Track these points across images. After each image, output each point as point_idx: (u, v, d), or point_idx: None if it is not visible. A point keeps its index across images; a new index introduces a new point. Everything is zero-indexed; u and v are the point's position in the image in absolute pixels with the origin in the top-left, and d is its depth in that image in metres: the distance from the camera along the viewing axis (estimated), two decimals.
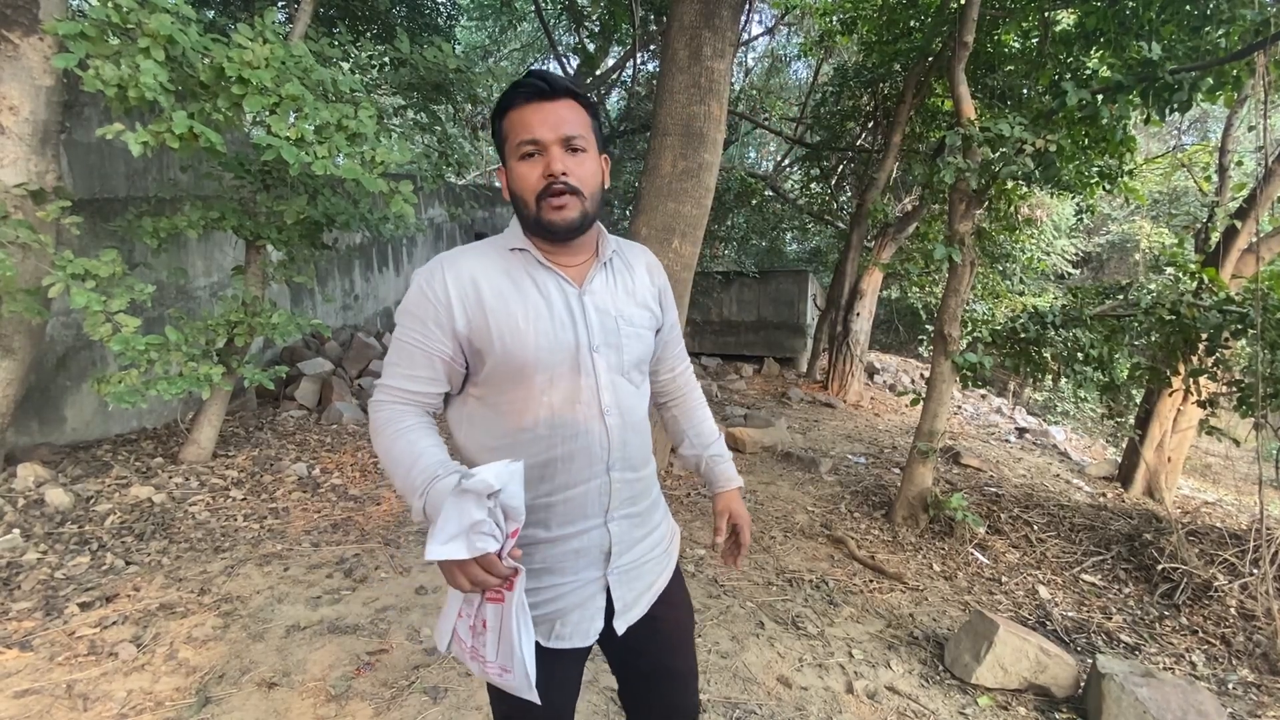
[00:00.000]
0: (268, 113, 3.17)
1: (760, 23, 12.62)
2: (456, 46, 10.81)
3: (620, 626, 1.13)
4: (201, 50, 3.13)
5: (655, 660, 1.22)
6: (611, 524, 1.11)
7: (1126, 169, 4.37)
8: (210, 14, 7.27)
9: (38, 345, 3.66)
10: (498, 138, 1.07)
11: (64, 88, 3.49)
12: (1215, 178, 5.88)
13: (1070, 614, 3.24)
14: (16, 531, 3.12)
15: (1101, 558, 3.79)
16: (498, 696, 1.15)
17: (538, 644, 1.06)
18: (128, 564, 3.03)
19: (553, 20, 10.56)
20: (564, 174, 1.01)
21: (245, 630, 2.52)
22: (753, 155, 16.74)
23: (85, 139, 4.36)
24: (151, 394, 3.43)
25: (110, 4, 2.89)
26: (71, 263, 3.12)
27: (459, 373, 1.10)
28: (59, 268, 3.10)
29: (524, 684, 0.95)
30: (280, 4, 7.88)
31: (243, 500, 3.82)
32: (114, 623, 2.52)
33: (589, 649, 1.14)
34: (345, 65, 5.02)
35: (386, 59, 5.47)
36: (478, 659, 0.99)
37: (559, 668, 1.11)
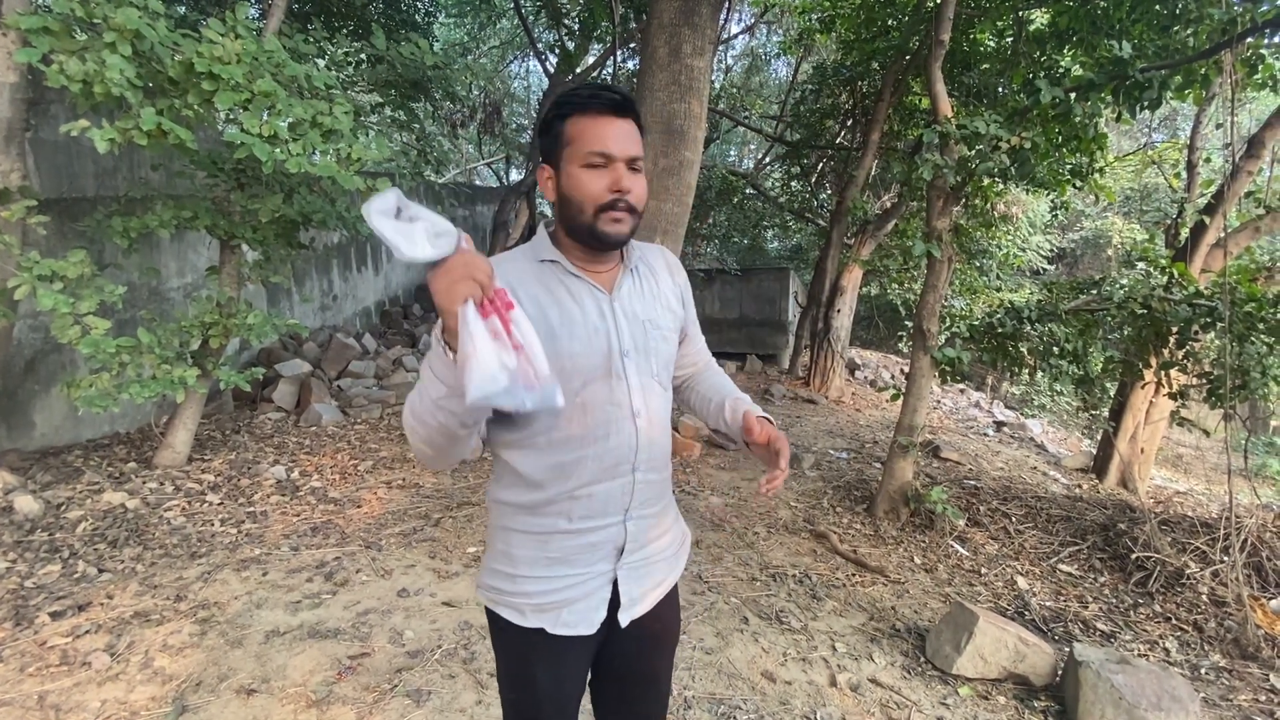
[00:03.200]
0: (240, 109, 3.11)
1: (739, 21, 12.64)
2: (434, 43, 10.70)
3: (624, 619, 1.14)
4: (170, 45, 3.06)
5: (635, 664, 1.23)
6: (630, 522, 1.14)
7: (1097, 167, 4.44)
8: (181, 9, 7.12)
9: (4, 349, 3.56)
10: (553, 137, 1.06)
11: (29, 84, 3.39)
12: (1184, 174, 6.01)
13: (1048, 604, 3.30)
14: None
15: (1078, 548, 3.86)
16: (508, 684, 1.18)
17: (545, 631, 1.10)
18: (100, 571, 2.96)
19: (532, 17, 10.49)
20: (629, 193, 1.03)
21: (223, 637, 2.48)
22: (734, 153, 16.80)
23: (52, 137, 4.25)
24: (123, 397, 3.36)
25: None
26: (38, 264, 3.04)
27: None
28: (25, 269, 3.02)
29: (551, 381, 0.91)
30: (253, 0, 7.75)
31: (219, 505, 3.75)
32: (87, 631, 2.46)
33: (595, 641, 1.15)
34: (321, 62, 4.95)
35: (363, 56, 5.41)
36: (530, 382, 0.90)
37: (570, 658, 1.14)
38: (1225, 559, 3.30)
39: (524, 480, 1.09)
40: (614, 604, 1.14)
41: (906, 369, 7.28)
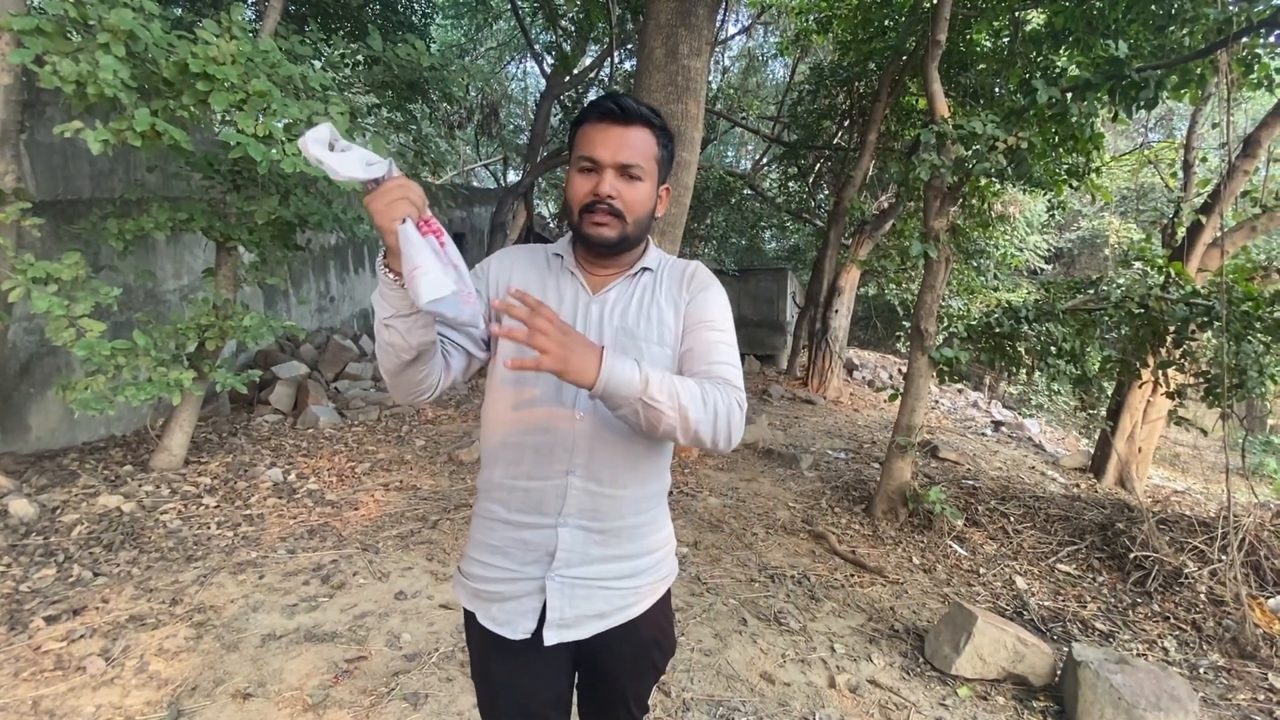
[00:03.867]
0: (235, 110, 3.10)
1: (736, 22, 12.66)
2: (431, 45, 10.69)
3: (550, 638, 1.09)
4: (165, 46, 3.05)
5: (602, 680, 1.22)
6: (563, 528, 1.09)
7: (1094, 166, 4.45)
8: (176, 10, 7.11)
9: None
10: (571, 147, 1.13)
11: (23, 86, 3.38)
12: (1181, 174, 6.02)
13: (1046, 603, 3.30)
14: None
15: (1076, 547, 3.86)
16: (473, 673, 1.22)
17: (498, 635, 1.12)
18: (96, 575, 2.95)
19: (529, 19, 10.49)
20: (610, 196, 1.06)
21: (219, 640, 2.46)
22: (731, 154, 16.82)
23: (47, 139, 4.23)
24: (119, 400, 3.34)
25: None
26: (33, 266, 3.02)
27: (479, 346, 1.15)
28: (19, 271, 3.01)
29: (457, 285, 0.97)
30: (249, 1, 7.73)
31: (216, 507, 3.74)
32: (82, 636, 2.44)
33: (561, 655, 1.14)
34: (317, 63, 4.94)
35: (359, 57, 5.40)
36: (466, 297, 1.00)
37: (527, 661, 1.13)
38: (1223, 558, 3.30)
39: (484, 459, 1.16)
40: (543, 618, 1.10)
41: (904, 369, 7.29)
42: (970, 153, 3.71)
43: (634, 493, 1.13)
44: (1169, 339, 3.81)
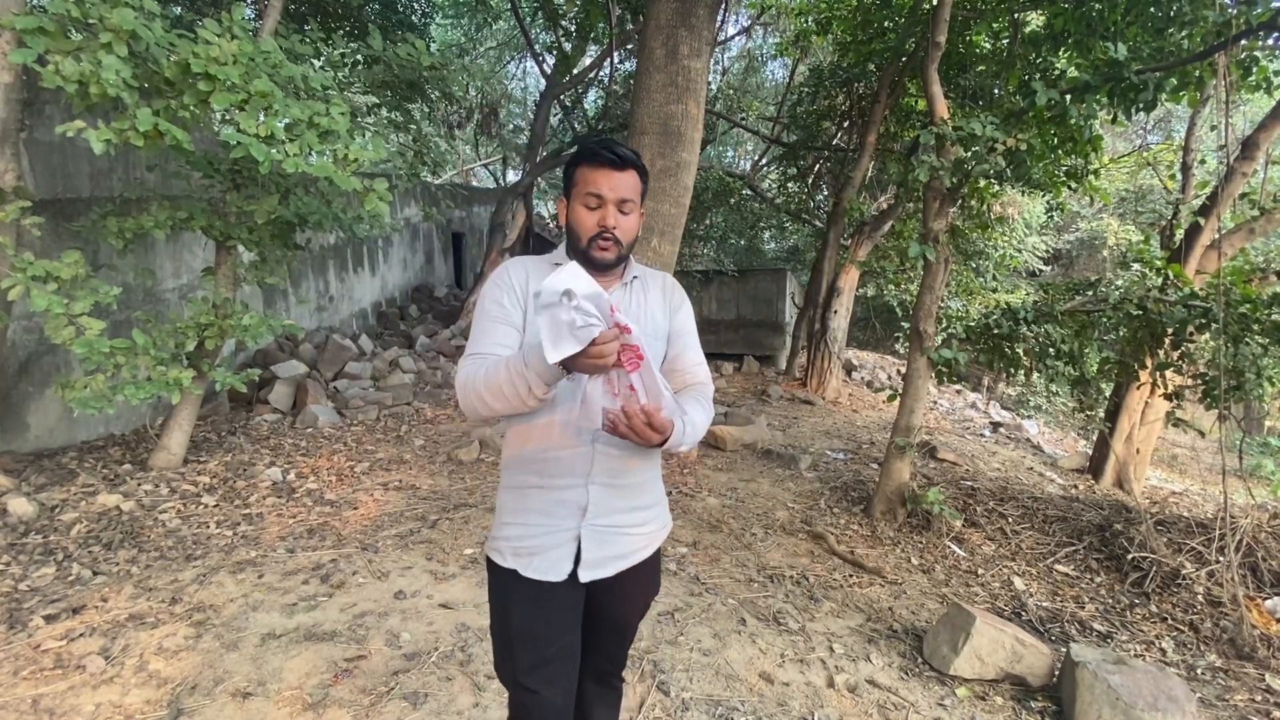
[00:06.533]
0: (236, 110, 3.10)
1: (736, 23, 12.67)
2: (431, 45, 10.69)
3: (584, 576, 1.33)
4: (167, 46, 3.05)
5: (608, 616, 1.45)
6: (592, 486, 1.34)
7: (1093, 168, 4.46)
8: (177, 10, 7.11)
9: None
10: (568, 178, 1.36)
11: (24, 85, 3.38)
12: (1179, 176, 6.03)
13: (1044, 604, 3.31)
14: None
15: (1074, 548, 3.87)
16: (494, 623, 1.40)
17: (518, 574, 1.33)
18: (95, 574, 2.95)
19: (529, 18, 10.49)
20: (614, 228, 1.32)
21: (219, 640, 2.46)
22: (730, 154, 16.81)
23: (47, 138, 4.23)
24: (119, 399, 3.34)
25: None
26: (32, 264, 3.03)
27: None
28: (19, 270, 3.01)
29: (672, 406, 1.21)
30: (249, 1, 7.73)
31: (215, 507, 3.74)
32: (81, 635, 2.45)
33: (576, 594, 1.35)
34: (317, 63, 4.94)
35: (359, 56, 5.40)
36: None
37: (546, 604, 1.33)
38: (1221, 559, 3.31)
39: (512, 440, 1.38)
40: (579, 560, 1.34)
41: (903, 370, 7.31)
42: (969, 154, 3.72)
43: (640, 455, 1.38)
44: (1167, 341, 3.81)
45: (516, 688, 1.36)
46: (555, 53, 10.30)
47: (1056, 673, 2.55)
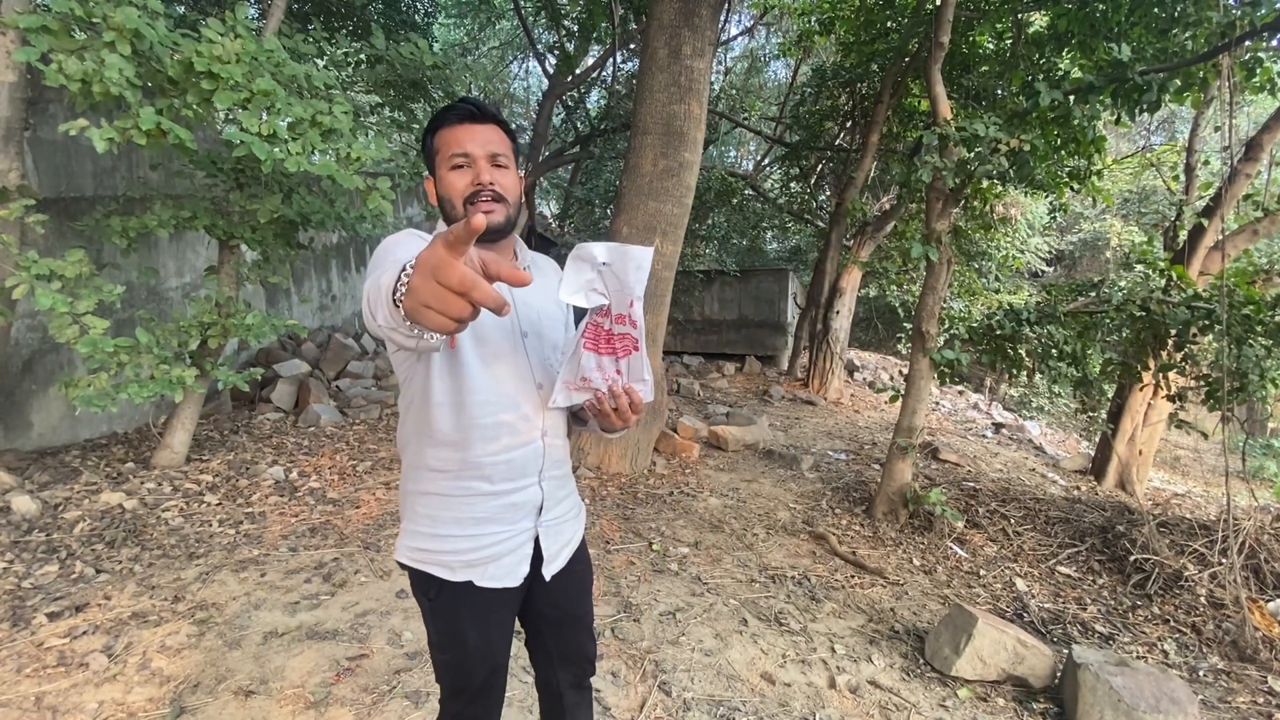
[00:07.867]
0: (239, 109, 3.11)
1: (739, 23, 12.65)
2: (434, 44, 10.70)
3: (548, 573, 1.31)
4: (170, 45, 3.06)
5: (565, 610, 1.39)
6: (544, 482, 1.28)
7: (1096, 169, 4.45)
8: (180, 9, 7.11)
9: (2, 348, 3.55)
10: (428, 151, 1.23)
11: (27, 83, 3.39)
12: (1183, 177, 6.01)
13: (1046, 605, 3.30)
14: None
15: (1076, 549, 3.86)
16: (440, 645, 1.28)
17: (472, 585, 1.23)
18: (98, 572, 2.95)
19: (531, 18, 10.49)
20: (492, 183, 1.16)
21: (221, 638, 2.47)
22: (733, 154, 16.79)
23: (50, 136, 4.24)
24: (122, 397, 3.34)
25: None
26: (36, 263, 3.03)
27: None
28: (23, 268, 3.01)
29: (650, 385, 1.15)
30: (253, 0, 7.74)
31: (218, 505, 3.74)
32: (84, 633, 2.45)
33: (516, 599, 1.30)
34: (320, 62, 4.94)
35: (362, 56, 5.40)
36: (588, 388, 1.14)
37: (494, 613, 1.27)
38: (1223, 561, 3.30)
39: (447, 441, 1.20)
40: (536, 561, 1.30)
41: (905, 370, 7.29)
42: (972, 155, 3.72)
43: (564, 436, 1.34)
44: (1170, 342, 3.81)
45: (459, 717, 1.30)
46: (558, 52, 10.28)
47: (1058, 674, 2.55)
